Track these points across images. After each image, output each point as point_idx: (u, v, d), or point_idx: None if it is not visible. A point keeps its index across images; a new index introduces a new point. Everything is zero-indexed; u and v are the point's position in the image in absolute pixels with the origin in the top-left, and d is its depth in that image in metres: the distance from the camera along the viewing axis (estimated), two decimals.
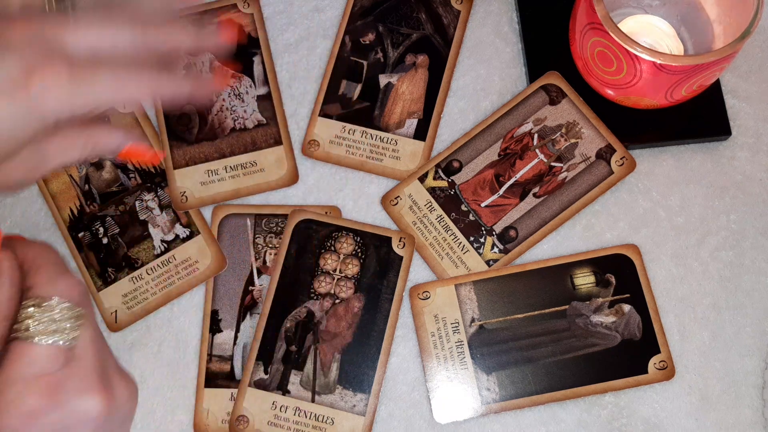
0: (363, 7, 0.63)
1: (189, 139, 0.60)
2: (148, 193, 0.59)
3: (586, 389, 0.54)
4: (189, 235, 0.58)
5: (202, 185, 0.59)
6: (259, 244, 0.58)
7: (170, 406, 0.55)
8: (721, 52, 0.50)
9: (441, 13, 0.63)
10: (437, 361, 0.55)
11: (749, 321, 0.57)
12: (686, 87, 0.53)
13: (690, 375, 0.55)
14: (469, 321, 0.56)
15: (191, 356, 0.56)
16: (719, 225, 0.59)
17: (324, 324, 0.56)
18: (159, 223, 0.58)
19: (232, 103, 0.61)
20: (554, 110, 0.60)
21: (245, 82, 0.61)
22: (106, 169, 0.59)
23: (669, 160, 0.60)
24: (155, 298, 0.57)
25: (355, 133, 0.60)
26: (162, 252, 0.58)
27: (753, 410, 0.55)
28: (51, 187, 0.59)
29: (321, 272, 0.57)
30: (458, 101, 0.61)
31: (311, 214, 0.58)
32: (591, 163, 0.59)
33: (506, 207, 0.58)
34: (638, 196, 0.59)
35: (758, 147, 0.60)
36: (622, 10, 0.60)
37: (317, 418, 0.54)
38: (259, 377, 0.55)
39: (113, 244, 0.58)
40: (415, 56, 0.62)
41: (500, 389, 0.54)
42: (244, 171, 0.59)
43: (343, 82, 0.61)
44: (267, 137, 0.60)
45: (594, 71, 0.56)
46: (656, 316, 0.56)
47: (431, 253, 0.57)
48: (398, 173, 0.59)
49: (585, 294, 0.56)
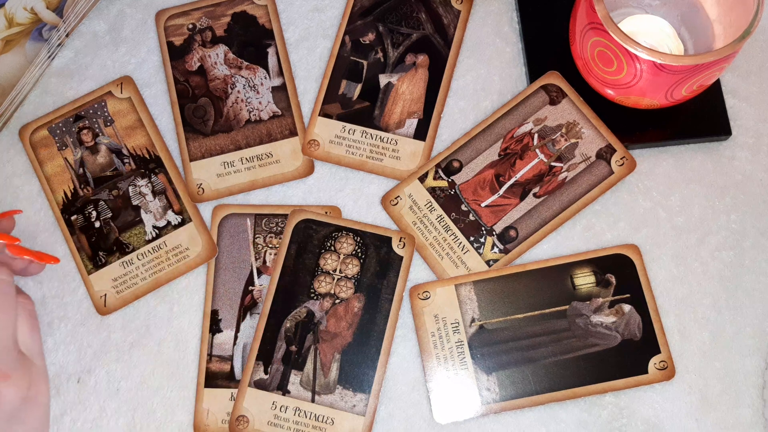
0: (363, 7, 0.63)
1: (205, 131, 0.60)
2: (142, 178, 0.59)
3: (586, 389, 0.54)
4: (181, 222, 0.58)
5: (218, 177, 0.59)
6: (259, 244, 0.58)
7: (170, 406, 0.55)
8: (722, 52, 0.50)
9: (441, 13, 0.63)
10: (437, 361, 0.55)
11: (749, 321, 0.57)
12: (686, 87, 0.53)
13: (690, 375, 0.55)
14: (469, 321, 0.56)
15: (191, 356, 0.56)
16: (719, 225, 0.59)
17: (324, 324, 0.56)
18: (151, 209, 0.59)
19: (247, 95, 0.61)
20: (554, 110, 0.60)
21: (260, 73, 0.61)
22: (101, 153, 0.59)
23: (669, 160, 0.60)
24: (145, 284, 0.57)
25: (355, 133, 0.60)
26: (153, 238, 0.58)
27: (753, 410, 0.55)
28: (45, 170, 0.59)
29: (321, 272, 0.57)
30: (458, 101, 0.61)
31: (311, 214, 0.58)
32: (591, 163, 0.59)
33: (506, 207, 0.58)
34: (638, 196, 0.59)
35: (758, 147, 0.60)
36: (622, 10, 0.60)
37: (317, 418, 0.54)
38: (259, 377, 0.55)
39: (105, 228, 0.58)
40: (415, 56, 0.62)
41: (500, 389, 0.54)
42: (260, 162, 0.59)
43: (343, 82, 0.61)
44: (282, 128, 0.60)
45: (594, 71, 0.56)
46: (656, 316, 0.56)
47: (431, 253, 0.57)
48: (398, 173, 0.59)
49: (585, 294, 0.56)
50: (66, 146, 0.60)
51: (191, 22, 0.63)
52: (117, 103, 0.61)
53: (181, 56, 0.62)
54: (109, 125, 0.60)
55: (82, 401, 0.55)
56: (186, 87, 0.61)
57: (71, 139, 0.60)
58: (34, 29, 0.59)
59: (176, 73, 0.62)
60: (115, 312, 0.57)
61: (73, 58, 0.62)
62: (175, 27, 0.63)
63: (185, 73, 0.62)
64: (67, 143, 0.60)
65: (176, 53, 0.62)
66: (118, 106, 0.61)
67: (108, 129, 0.60)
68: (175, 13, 0.63)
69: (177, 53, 0.62)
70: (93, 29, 0.63)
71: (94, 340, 0.56)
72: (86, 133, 0.60)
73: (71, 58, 0.62)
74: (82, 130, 0.60)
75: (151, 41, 0.63)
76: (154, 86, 0.62)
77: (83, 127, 0.60)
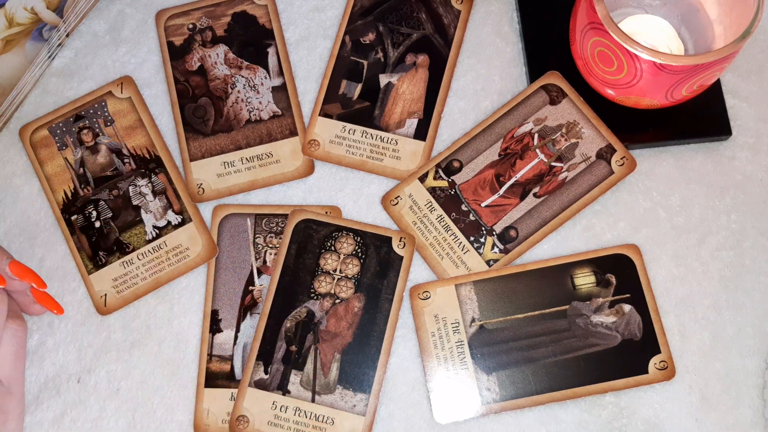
0: (363, 7, 0.63)
1: (205, 131, 0.60)
2: (142, 178, 0.59)
3: (586, 389, 0.54)
4: (181, 222, 0.58)
5: (218, 177, 0.59)
6: (259, 244, 0.58)
7: (170, 406, 0.55)
8: (722, 52, 0.50)
9: (441, 13, 0.63)
10: (437, 361, 0.55)
11: (749, 321, 0.57)
12: (687, 87, 0.53)
13: (690, 375, 0.55)
14: (469, 321, 0.56)
15: (191, 356, 0.56)
16: (720, 225, 0.58)
17: (324, 324, 0.56)
18: (151, 209, 0.59)
19: (247, 95, 0.61)
20: (554, 110, 0.60)
21: (260, 73, 0.61)
22: (101, 153, 0.59)
23: (669, 160, 0.60)
24: (145, 284, 0.57)
25: (355, 133, 0.60)
26: (153, 238, 0.58)
27: (753, 410, 0.55)
28: (46, 170, 0.59)
29: (321, 272, 0.57)
30: (458, 101, 0.61)
31: (311, 214, 0.58)
32: (591, 163, 0.59)
33: (506, 207, 0.58)
34: (638, 196, 0.59)
35: (758, 147, 0.60)
36: (622, 10, 0.60)
37: (317, 418, 0.54)
38: (259, 377, 0.55)
39: (105, 228, 0.58)
40: (416, 56, 0.62)
41: (500, 389, 0.54)
42: (260, 162, 0.59)
43: (344, 82, 0.61)
44: (282, 128, 0.60)
45: (594, 71, 0.56)
46: (656, 316, 0.56)
47: (431, 253, 0.57)
48: (398, 173, 0.59)
49: (585, 294, 0.56)
50: (66, 146, 0.60)
51: (191, 22, 0.63)
52: (117, 103, 0.61)
53: (181, 56, 0.62)
54: (109, 125, 0.60)
55: (82, 401, 0.55)
56: (186, 87, 0.61)
57: (71, 139, 0.60)
58: (35, 29, 0.59)
59: (176, 73, 0.62)
60: (116, 312, 0.57)
61: (74, 58, 0.62)
62: (176, 27, 0.63)
63: (185, 73, 0.62)
64: (67, 143, 0.60)
65: (176, 53, 0.62)
66: (118, 106, 0.61)
67: (108, 129, 0.60)
68: (175, 13, 0.63)
69: (177, 53, 0.62)
70: (93, 29, 0.63)
71: (95, 340, 0.56)
72: (86, 133, 0.60)
73: (71, 58, 0.62)
74: (83, 130, 0.60)
75: (151, 41, 0.63)
76: (154, 86, 0.62)
77: (83, 127, 0.60)
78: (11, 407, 0.51)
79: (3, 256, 0.52)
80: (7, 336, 0.51)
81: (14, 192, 0.59)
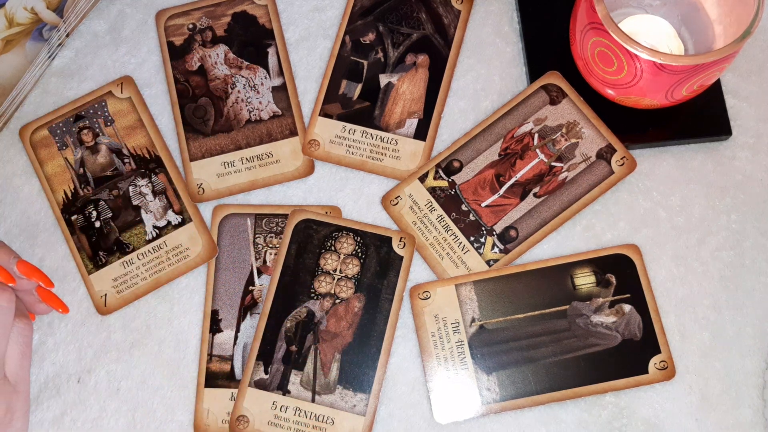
0: (363, 7, 0.63)
1: (205, 131, 0.60)
2: (142, 178, 0.59)
3: (586, 389, 0.54)
4: (181, 222, 0.58)
5: (218, 177, 0.59)
6: (260, 243, 0.58)
7: (170, 406, 0.55)
8: (722, 52, 0.50)
9: (441, 13, 0.63)
10: (437, 361, 0.55)
11: (750, 321, 0.57)
12: (687, 87, 0.53)
13: (690, 375, 0.55)
14: (469, 321, 0.56)
15: (191, 356, 0.56)
16: (720, 225, 0.58)
17: (324, 324, 0.56)
18: (151, 209, 0.59)
19: (247, 95, 0.61)
20: (554, 110, 0.60)
21: (260, 73, 0.61)
22: (102, 153, 0.59)
23: (669, 160, 0.60)
24: (145, 283, 0.57)
25: (355, 133, 0.60)
26: (153, 238, 0.58)
27: (753, 410, 0.55)
28: (46, 170, 0.59)
29: (321, 272, 0.57)
30: (458, 101, 0.61)
31: (311, 214, 0.58)
32: (591, 163, 0.59)
33: (506, 207, 0.58)
34: (639, 196, 0.59)
35: (759, 147, 0.60)
36: (622, 10, 0.60)
37: (317, 418, 0.54)
38: (259, 377, 0.55)
39: (105, 228, 0.58)
40: (416, 56, 0.62)
41: (500, 389, 0.54)
42: (260, 162, 0.59)
43: (344, 82, 0.61)
44: (282, 128, 0.60)
45: (594, 71, 0.56)
46: (656, 316, 0.56)
47: (431, 253, 0.57)
48: (398, 173, 0.59)
49: (585, 294, 0.56)
50: (66, 146, 0.60)
51: (191, 22, 0.63)
52: (117, 103, 0.61)
53: (181, 56, 0.62)
54: (109, 125, 0.60)
55: (82, 401, 0.55)
56: (186, 87, 0.61)
57: (71, 139, 0.60)
58: (35, 29, 0.59)
59: (176, 73, 0.62)
60: (116, 312, 0.57)
61: (74, 58, 0.62)
62: (176, 27, 0.63)
63: (185, 73, 0.62)
64: (67, 143, 0.60)
65: (176, 53, 0.62)
66: (118, 106, 0.61)
67: (108, 129, 0.60)
68: (176, 13, 0.63)
69: (177, 53, 0.62)
70: (93, 29, 0.63)
71: (95, 340, 0.56)
72: (86, 133, 0.60)
73: (71, 58, 0.62)
74: (83, 130, 0.60)
75: (152, 41, 0.63)
76: (155, 86, 0.62)
77: (83, 127, 0.60)
78: (18, 405, 0.51)
79: (10, 255, 0.52)
80: (13, 335, 0.51)
81: (14, 192, 0.59)
